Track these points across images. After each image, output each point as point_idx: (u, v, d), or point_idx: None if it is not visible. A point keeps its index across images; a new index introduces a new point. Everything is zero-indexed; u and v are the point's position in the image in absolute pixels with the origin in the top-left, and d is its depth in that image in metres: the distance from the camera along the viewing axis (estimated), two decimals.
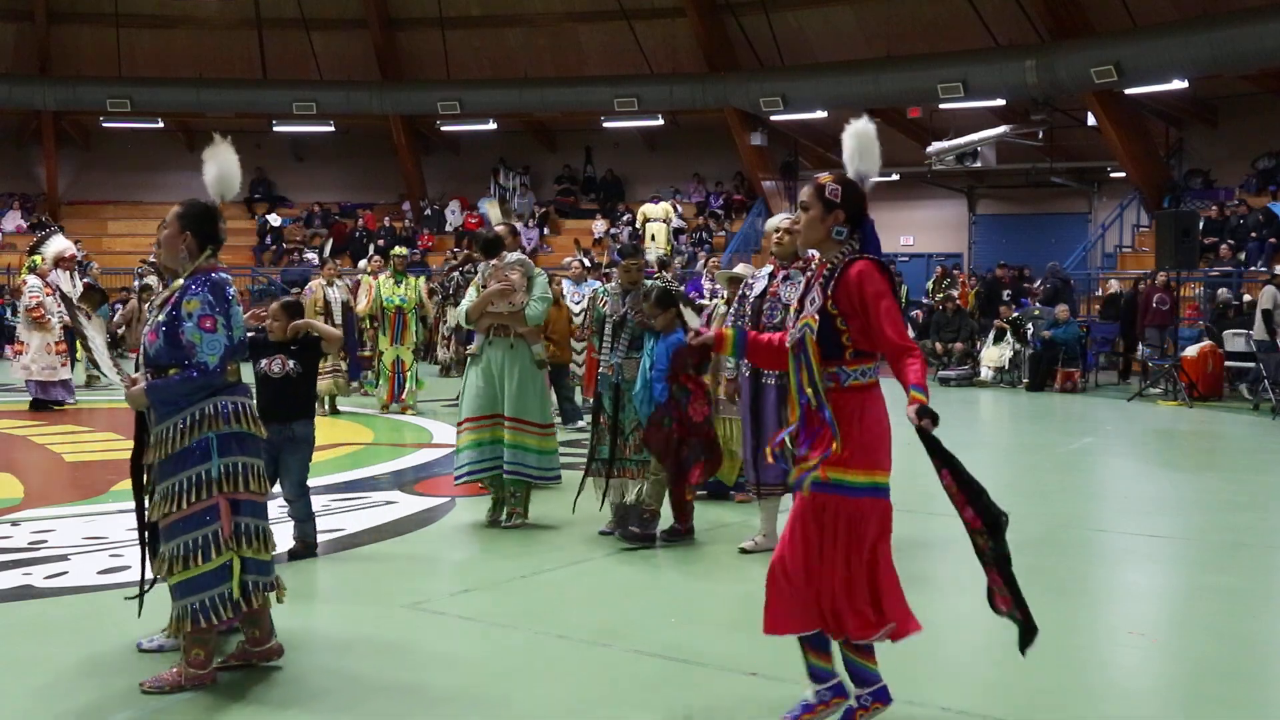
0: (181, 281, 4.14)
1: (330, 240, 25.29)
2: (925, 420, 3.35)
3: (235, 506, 4.10)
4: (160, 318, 4.10)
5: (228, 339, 4.06)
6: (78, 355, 13.97)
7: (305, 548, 5.96)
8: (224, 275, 4.19)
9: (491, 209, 7.31)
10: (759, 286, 6.16)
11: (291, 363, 5.86)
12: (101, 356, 4.62)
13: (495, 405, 6.62)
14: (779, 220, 6.11)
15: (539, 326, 6.84)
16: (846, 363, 3.59)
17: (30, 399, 12.32)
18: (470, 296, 6.80)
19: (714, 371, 6.74)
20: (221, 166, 4.30)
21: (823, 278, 3.64)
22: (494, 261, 6.75)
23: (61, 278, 12.85)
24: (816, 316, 3.60)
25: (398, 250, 13.38)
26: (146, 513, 4.18)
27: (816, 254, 3.82)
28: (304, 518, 5.99)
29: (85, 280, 13.94)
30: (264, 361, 5.82)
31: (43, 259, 12.80)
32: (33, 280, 12.57)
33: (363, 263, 14.76)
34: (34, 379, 12.30)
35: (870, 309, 3.53)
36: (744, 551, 6.16)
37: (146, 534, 4.27)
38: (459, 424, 6.80)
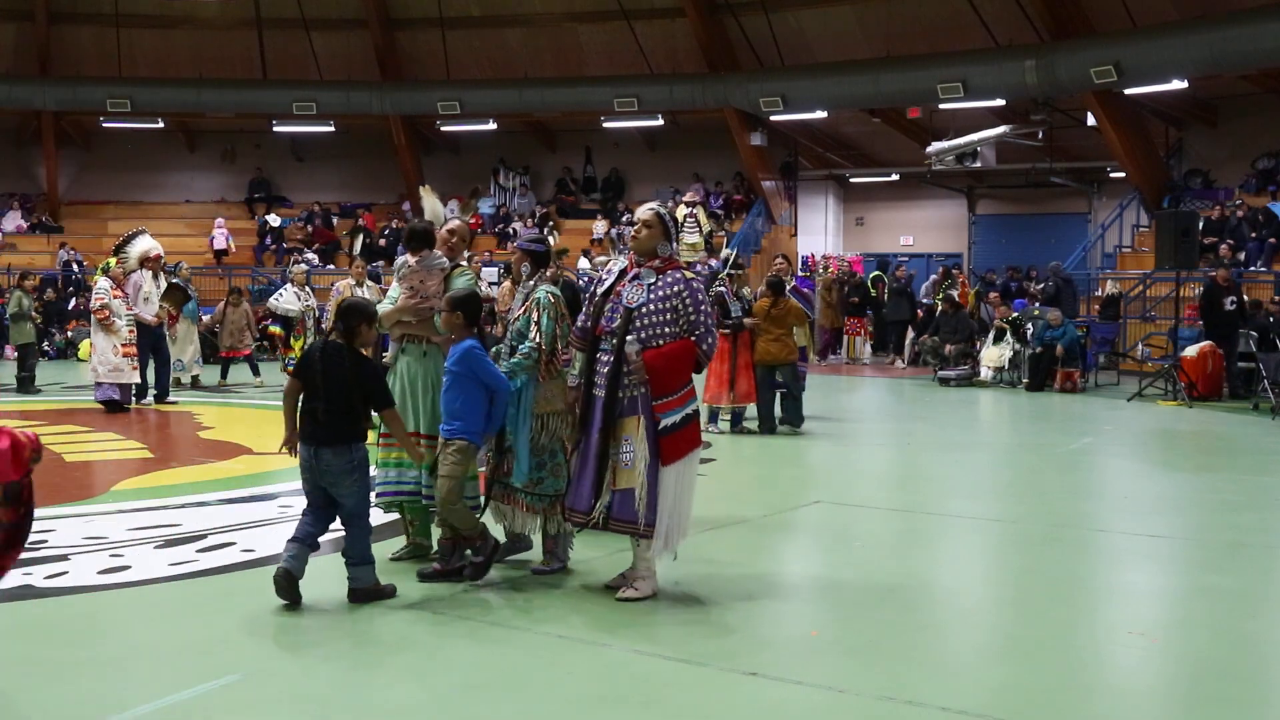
0: None
1: (362, 238, 24.82)
2: None
3: None
4: None
5: None
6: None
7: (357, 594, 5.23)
8: None
9: (427, 197, 6.58)
10: (608, 283, 5.44)
11: None
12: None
13: (411, 422, 5.90)
14: (642, 211, 5.47)
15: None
16: None
17: (99, 400, 12.37)
18: (391, 296, 6.15)
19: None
20: None
21: None
22: (414, 260, 6.01)
23: (145, 278, 13.00)
24: None
25: None
26: None
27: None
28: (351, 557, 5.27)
29: (172, 280, 14.05)
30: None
31: (118, 260, 12.89)
32: (102, 282, 12.68)
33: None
34: (101, 380, 12.37)
35: None
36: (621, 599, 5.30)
37: None
38: (380, 437, 6.03)
